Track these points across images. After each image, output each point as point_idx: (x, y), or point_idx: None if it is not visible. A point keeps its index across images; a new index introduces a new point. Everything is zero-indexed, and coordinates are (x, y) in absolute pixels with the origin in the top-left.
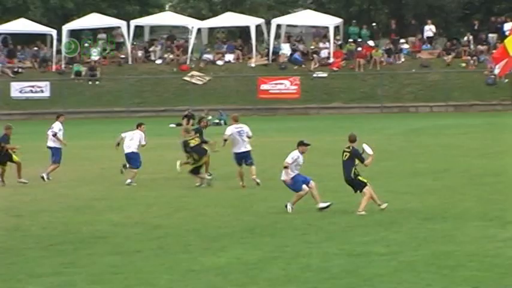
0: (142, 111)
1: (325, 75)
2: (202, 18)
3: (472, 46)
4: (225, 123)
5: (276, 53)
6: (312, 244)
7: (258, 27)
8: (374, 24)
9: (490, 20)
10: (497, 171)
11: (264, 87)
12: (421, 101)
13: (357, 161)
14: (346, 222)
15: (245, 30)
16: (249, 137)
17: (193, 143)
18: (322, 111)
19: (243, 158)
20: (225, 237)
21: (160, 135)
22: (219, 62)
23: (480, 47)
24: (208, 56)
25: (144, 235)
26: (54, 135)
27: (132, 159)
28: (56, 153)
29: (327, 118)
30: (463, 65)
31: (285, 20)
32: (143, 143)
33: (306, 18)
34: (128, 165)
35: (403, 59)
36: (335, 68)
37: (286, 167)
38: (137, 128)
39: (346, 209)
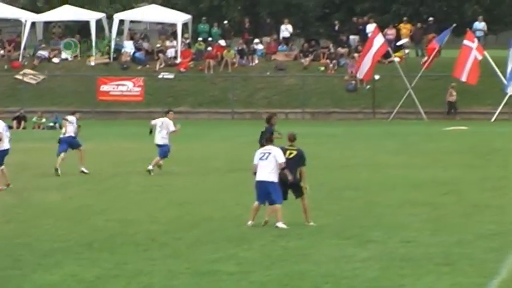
0: None
1: (171, 76)
2: (37, 11)
3: (331, 48)
4: (60, 127)
5: (118, 51)
6: (155, 261)
7: (98, 22)
8: (226, 22)
9: (351, 20)
10: (358, 185)
11: (104, 88)
12: (276, 107)
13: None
14: (193, 238)
15: (84, 25)
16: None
17: None
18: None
19: None
20: (59, 252)
21: None
22: (55, 60)
23: (341, 50)
24: (43, 53)
25: None
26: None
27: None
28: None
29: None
30: (322, 68)
31: (128, 15)
32: (172, 129)
33: (152, 13)
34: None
35: (257, 61)
36: (182, 69)
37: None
38: (166, 115)
39: (194, 222)
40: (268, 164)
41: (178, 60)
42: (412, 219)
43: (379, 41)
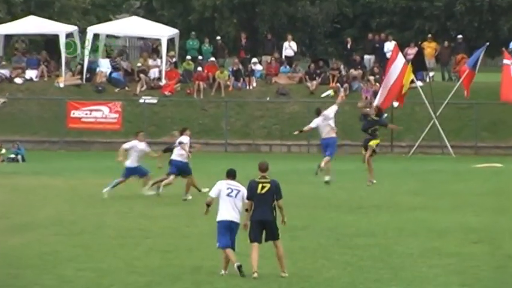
0: None
1: (154, 101)
2: None
3: (342, 70)
4: (24, 159)
5: (92, 70)
6: None
7: (69, 36)
8: (219, 38)
9: (366, 37)
10: (373, 231)
11: (75, 114)
12: (276, 138)
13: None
14: None
15: (53, 39)
16: None
17: None
18: (150, 148)
19: None
20: None
21: None
22: (18, 80)
23: (353, 72)
24: (4, 72)
25: None
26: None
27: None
28: None
29: None
30: (331, 93)
31: (104, 28)
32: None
33: (132, 27)
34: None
35: (255, 84)
36: (167, 93)
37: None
38: (181, 134)
39: (179, 273)
40: (236, 202)
41: (163, 82)
42: (436, 272)
43: (399, 61)
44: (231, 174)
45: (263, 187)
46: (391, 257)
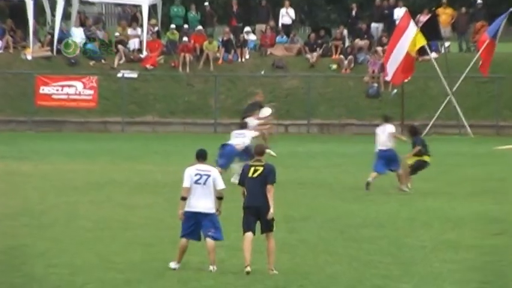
0: None
1: (134, 75)
2: None
3: (347, 40)
4: None
5: (63, 40)
6: None
7: (37, 2)
8: (207, 3)
9: (373, 3)
10: (380, 221)
11: (44, 90)
12: (273, 117)
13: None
14: None
15: (19, 5)
16: None
17: None
18: (130, 128)
19: None
20: None
21: None
22: None
23: (359, 42)
24: None
25: None
26: None
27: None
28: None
29: (136, 138)
30: (334, 67)
31: None
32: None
33: None
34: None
35: (248, 56)
36: (149, 66)
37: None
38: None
39: (162, 269)
40: (206, 190)
41: (144, 54)
42: (452, 268)
43: (411, 30)
44: (200, 156)
45: (255, 170)
46: (401, 251)
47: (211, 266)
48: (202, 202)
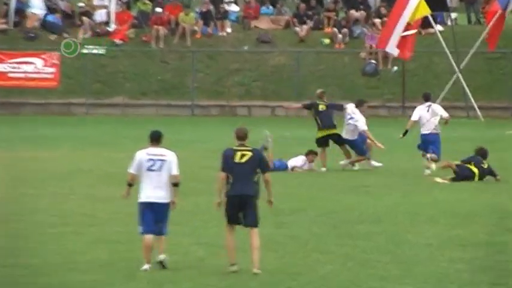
0: None
1: (101, 51)
2: None
3: (341, 11)
4: None
5: (21, 12)
6: None
7: None
8: None
9: None
10: (378, 216)
11: (0, 68)
12: (257, 98)
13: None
14: None
15: None
16: None
17: None
18: (96, 111)
19: None
20: None
21: None
22: None
23: (354, 13)
24: None
25: None
26: None
27: None
28: None
29: (103, 121)
30: (327, 41)
31: None
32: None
33: None
34: None
35: (229, 30)
36: (118, 41)
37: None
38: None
39: (132, 270)
40: (162, 177)
41: (112, 28)
42: (459, 268)
43: (415, 0)
44: (154, 139)
45: (243, 155)
46: (401, 249)
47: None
48: (159, 191)
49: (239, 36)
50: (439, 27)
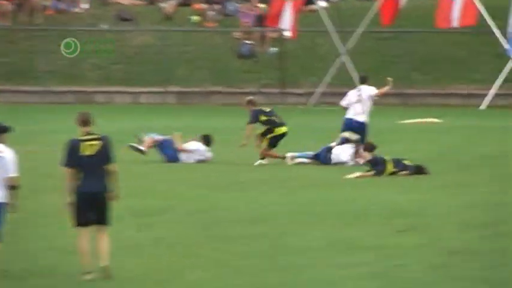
0: None
1: None
2: None
3: None
4: None
5: None
6: None
7: None
8: None
9: None
10: (256, 216)
11: None
12: (118, 84)
13: None
14: None
15: None
16: None
17: None
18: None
19: None
20: None
21: None
22: None
23: None
24: None
25: None
26: None
27: None
28: None
29: None
30: (196, 18)
31: None
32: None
33: None
34: None
35: (86, 5)
36: None
37: None
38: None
39: None
40: None
41: None
42: (346, 274)
43: None
44: None
45: (91, 146)
46: (282, 254)
47: None
48: None
49: (96, 13)
50: (322, 3)
